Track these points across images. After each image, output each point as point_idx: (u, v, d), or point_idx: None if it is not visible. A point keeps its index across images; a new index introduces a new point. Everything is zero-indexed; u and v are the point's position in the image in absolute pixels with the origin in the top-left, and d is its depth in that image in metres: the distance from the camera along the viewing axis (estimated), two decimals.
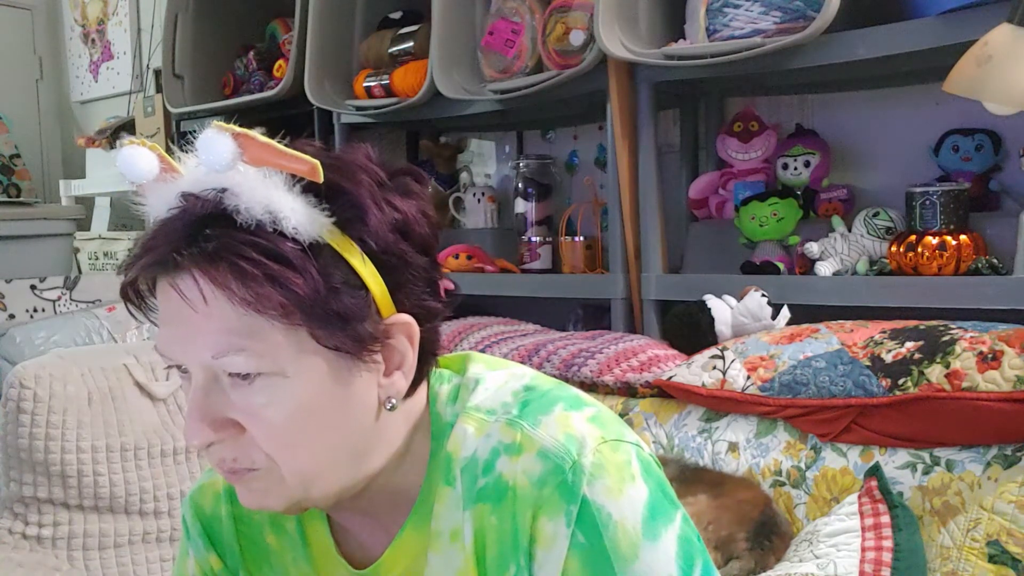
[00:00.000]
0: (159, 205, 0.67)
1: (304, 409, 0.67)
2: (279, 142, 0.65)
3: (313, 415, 0.67)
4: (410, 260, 0.70)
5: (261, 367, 0.65)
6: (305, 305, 0.64)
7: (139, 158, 0.66)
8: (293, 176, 0.65)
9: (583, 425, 0.70)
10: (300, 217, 0.64)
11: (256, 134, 0.65)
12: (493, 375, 0.77)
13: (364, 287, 0.67)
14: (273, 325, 0.65)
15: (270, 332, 0.65)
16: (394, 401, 0.71)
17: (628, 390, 1.60)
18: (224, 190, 0.65)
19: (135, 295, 0.69)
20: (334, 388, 0.68)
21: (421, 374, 0.74)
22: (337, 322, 0.66)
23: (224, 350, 0.65)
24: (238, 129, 0.64)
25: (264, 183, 0.65)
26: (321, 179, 0.64)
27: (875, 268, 1.63)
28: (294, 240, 0.64)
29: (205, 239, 0.64)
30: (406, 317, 0.70)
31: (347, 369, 0.68)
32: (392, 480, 0.74)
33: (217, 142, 0.64)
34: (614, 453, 0.69)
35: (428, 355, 0.75)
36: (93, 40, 3.75)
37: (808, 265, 1.71)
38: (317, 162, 0.64)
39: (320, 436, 0.68)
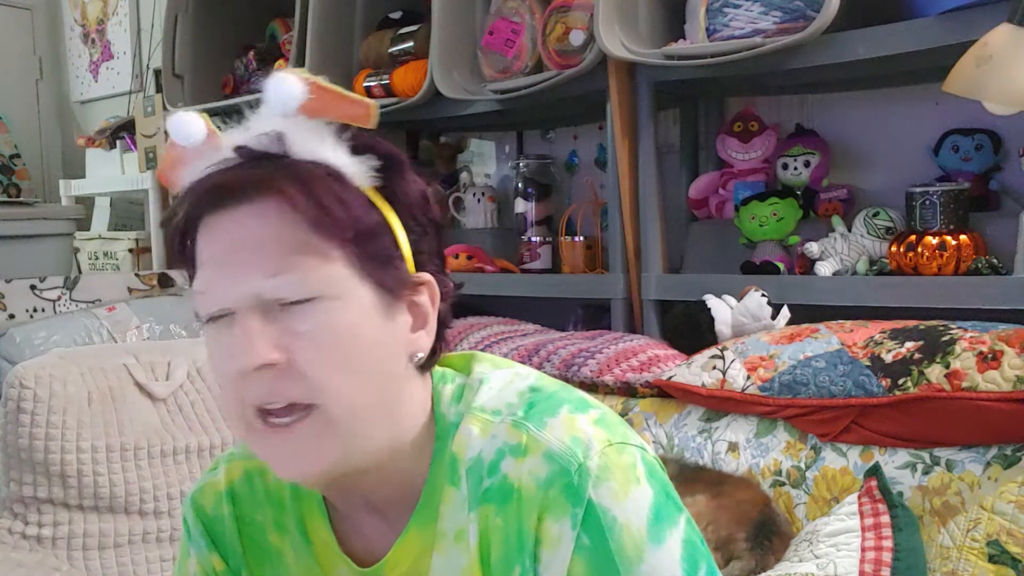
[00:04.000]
0: (199, 168, 0.70)
1: (352, 334, 0.68)
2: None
3: (360, 342, 0.68)
4: (429, 231, 0.74)
5: (316, 289, 0.67)
6: (360, 232, 0.68)
7: (190, 122, 0.71)
8: (340, 132, 0.70)
9: (589, 427, 0.70)
10: (346, 162, 0.69)
11: (322, 80, 0.70)
12: (498, 375, 0.77)
13: (395, 240, 0.71)
14: (330, 247, 0.67)
15: (327, 253, 0.67)
16: (420, 355, 0.73)
17: (628, 390, 1.60)
18: (281, 134, 0.69)
19: (179, 237, 0.71)
20: (377, 320, 0.70)
21: (433, 352, 0.76)
22: (381, 258, 0.70)
23: (283, 268, 0.66)
24: (306, 74, 0.70)
25: (315, 134, 0.69)
26: (374, 124, 0.70)
27: (875, 268, 1.63)
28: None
29: (267, 165, 0.68)
30: (429, 276, 0.73)
31: (386, 307, 0.71)
32: (398, 471, 0.74)
33: (288, 82, 0.69)
34: (620, 456, 0.69)
35: (441, 332, 0.76)
36: (93, 40, 3.75)
37: (808, 265, 1.71)
38: (375, 104, 0.70)
39: (364, 366, 0.69)
